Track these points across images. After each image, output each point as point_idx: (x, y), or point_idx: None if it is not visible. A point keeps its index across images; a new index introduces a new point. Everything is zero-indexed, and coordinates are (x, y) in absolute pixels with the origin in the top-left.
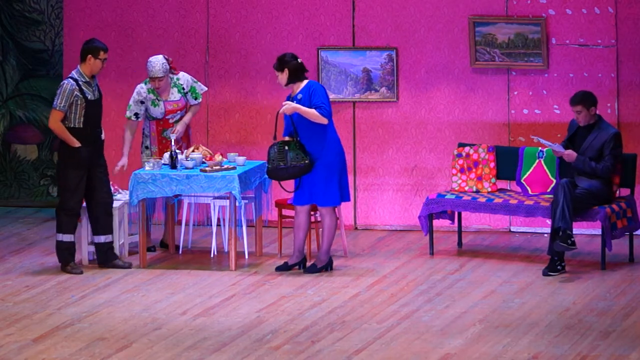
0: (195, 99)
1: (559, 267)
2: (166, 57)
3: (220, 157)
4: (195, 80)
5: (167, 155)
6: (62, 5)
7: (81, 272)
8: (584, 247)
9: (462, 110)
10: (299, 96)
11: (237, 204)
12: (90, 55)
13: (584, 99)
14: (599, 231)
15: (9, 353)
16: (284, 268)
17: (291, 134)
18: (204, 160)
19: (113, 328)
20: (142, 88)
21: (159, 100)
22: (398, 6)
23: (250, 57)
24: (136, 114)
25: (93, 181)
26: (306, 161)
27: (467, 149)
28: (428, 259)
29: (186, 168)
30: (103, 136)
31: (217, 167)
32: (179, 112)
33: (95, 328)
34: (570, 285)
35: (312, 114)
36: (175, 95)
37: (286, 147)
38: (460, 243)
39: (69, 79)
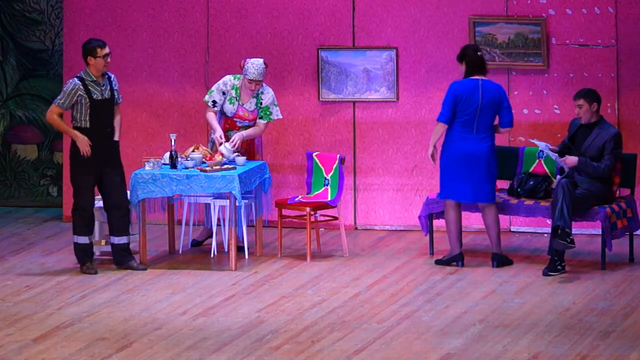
0: (261, 118)
1: (559, 267)
2: (265, 62)
3: (221, 157)
4: (276, 103)
5: (167, 155)
6: (62, 5)
7: (95, 272)
8: (584, 247)
9: None
10: None
11: (237, 203)
12: (89, 57)
13: (587, 94)
14: (599, 231)
15: (9, 353)
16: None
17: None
18: (204, 160)
19: (113, 328)
20: (229, 80)
21: (236, 100)
22: (398, 6)
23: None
24: (214, 102)
25: (106, 184)
26: None
27: None
28: (428, 259)
29: (186, 168)
30: (117, 137)
31: (217, 167)
32: (247, 121)
33: (95, 328)
34: (570, 285)
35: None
36: (251, 104)
37: None
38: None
39: (75, 78)
